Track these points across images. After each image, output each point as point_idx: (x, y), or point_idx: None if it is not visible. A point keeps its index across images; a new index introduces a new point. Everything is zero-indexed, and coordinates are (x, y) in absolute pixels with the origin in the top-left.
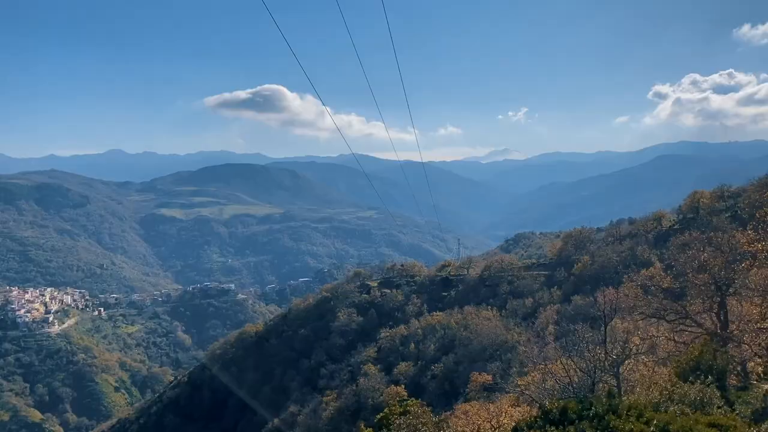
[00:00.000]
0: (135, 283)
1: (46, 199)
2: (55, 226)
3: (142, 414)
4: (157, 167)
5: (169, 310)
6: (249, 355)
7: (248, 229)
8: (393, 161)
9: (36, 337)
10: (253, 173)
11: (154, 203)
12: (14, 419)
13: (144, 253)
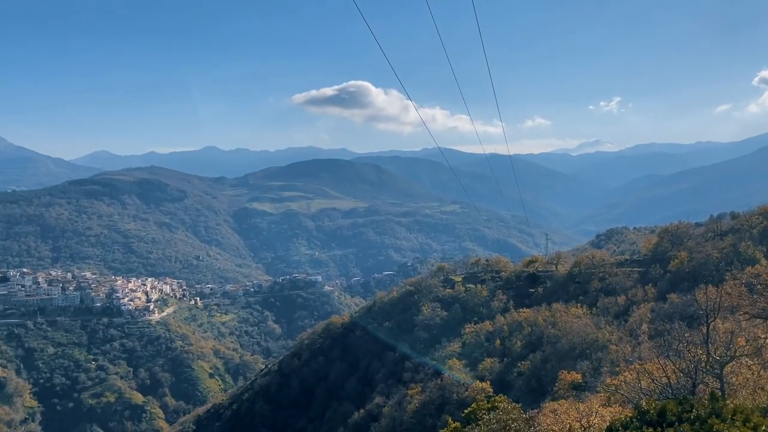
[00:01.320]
0: (228, 274)
1: (147, 194)
2: (155, 220)
3: (234, 400)
4: (249, 163)
5: (260, 301)
6: (335, 345)
7: (334, 223)
8: (478, 155)
9: (138, 324)
10: (338, 168)
11: (246, 198)
12: (119, 400)
13: (237, 246)
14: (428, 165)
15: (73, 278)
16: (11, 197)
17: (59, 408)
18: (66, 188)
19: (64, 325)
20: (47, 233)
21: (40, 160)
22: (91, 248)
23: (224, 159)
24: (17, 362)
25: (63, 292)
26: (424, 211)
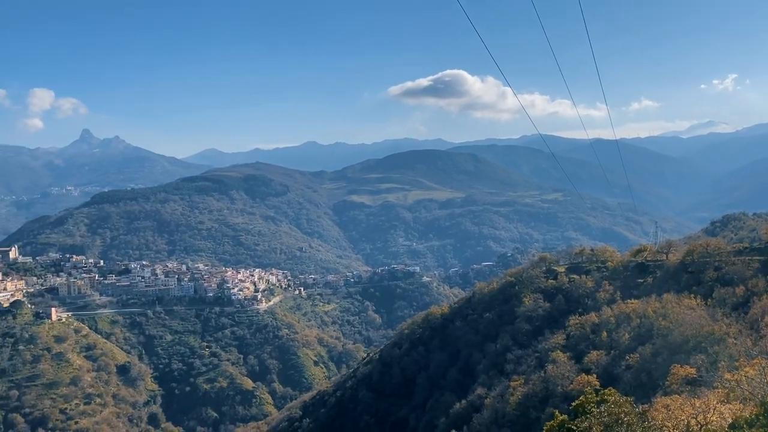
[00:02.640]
0: (329, 264)
1: (253, 189)
2: (261, 213)
3: (338, 387)
4: (347, 156)
5: (360, 291)
6: (435, 336)
7: (431, 214)
8: (580, 140)
9: (247, 313)
10: (434, 159)
11: (345, 190)
12: (231, 386)
13: (337, 237)
14: (527, 152)
15: (187, 270)
16: (131, 195)
17: (177, 392)
18: (179, 185)
19: (180, 313)
20: (163, 227)
21: (156, 160)
22: (202, 241)
23: (323, 153)
24: (139, 348)
25: (179, 283)
26: (523, 200)
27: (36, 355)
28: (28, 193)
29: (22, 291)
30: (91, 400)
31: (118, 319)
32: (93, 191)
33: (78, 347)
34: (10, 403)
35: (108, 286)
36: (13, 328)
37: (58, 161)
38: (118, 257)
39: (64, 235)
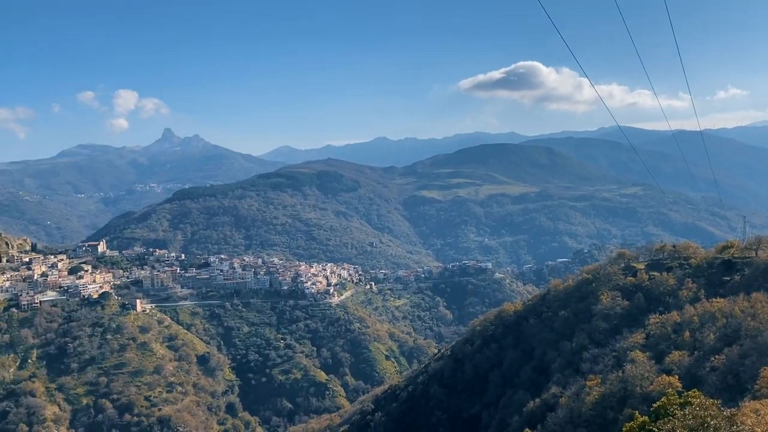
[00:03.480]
0: (400, 260)
1: (325, 185)
2: (332, 209)
3: (410, 382)
4: (418, 151)
5: (431, 286)
6: (508, 333)
7: (503, 209)
8: (661, 132)
9: (320, 307)
10: (507, 152)
11: (415, 186)
12: (305, 377)
13: (407, 232)
14: (605, 145)
15: (263, 263)
16: (210, 191)
17: (254, 382)
18: (255, 182)
19: (256, 306)
20: (240, 223)
21: (233, 157)
22: (277, 236)
23: (394, 149)
24: (218, 339)
25: (255, 276)
26: (601, 194)
27: (122, 344)
28: (115, 190)
29: (109, 283)
30: (173, 388)
31: (198, 311)
32: (174, 188)
33: (161, 337)
34: (99, 389)
35: (189, 279)
36: (102, 318)
37: (142, 159)
38: (198, 251)
39: (147, 230)
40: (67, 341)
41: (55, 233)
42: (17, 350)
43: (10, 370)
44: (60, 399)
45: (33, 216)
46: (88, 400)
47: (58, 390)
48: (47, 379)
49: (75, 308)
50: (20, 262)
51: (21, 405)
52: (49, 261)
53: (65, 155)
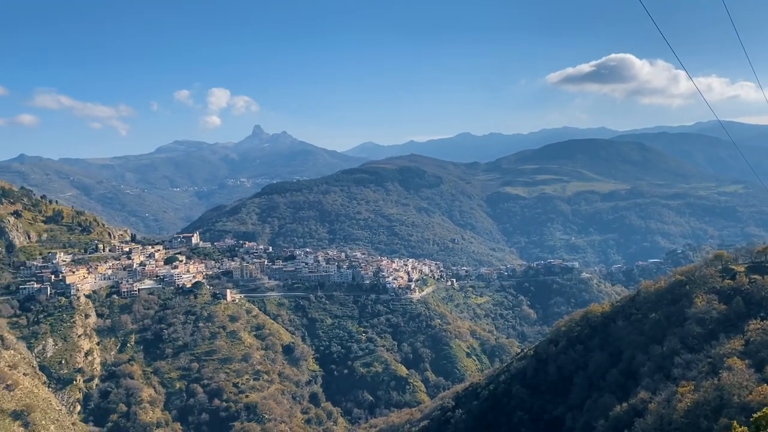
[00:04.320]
0: (482, 257)
1: (408, 181)
2: (414, 205)
3: (491, 381)
4: (502, 147)
5: (514, 285)
6: (594, 335)
7: (592, 207)
8: (765, 126)
9: (401, 302)
10: (596, 148)
11: (499, 182)
12: (386, 371)
13: (490, 229)
14: (702, 141)
15: (346, 257)
16: (296, 186)
17: (336, 373)
18: (339, 177)
19: (339, 299)
20: (324, 217)
21: (318, 153)
22: (360, 231)
23: (477, 144)
24: (302, 330)
25: (338, 270)
26: (697, 192)
27: (213, 332)
28: (208, 185)
29: (202, 273)
30: (260, 376)
31: (284, 302)
32: (263, 183)
33: (249, 326)
34: (191, 374)
35: (275, 271)
36: (194, 306)
37: (233, 155)
38: (284, 244)
39: (237, 222)
40: (163, 328)
41: (153, 225)
42: (118, 334)
43: (111, 353)
44: (155, 382)
45: (133, 208)
46: (181, 384)
47: (153, 373)
48: (144, 362)
49: (170, 296)
50: (121, 251)
51: (121, 386)
52: (147, 251)
53: (163, 151)
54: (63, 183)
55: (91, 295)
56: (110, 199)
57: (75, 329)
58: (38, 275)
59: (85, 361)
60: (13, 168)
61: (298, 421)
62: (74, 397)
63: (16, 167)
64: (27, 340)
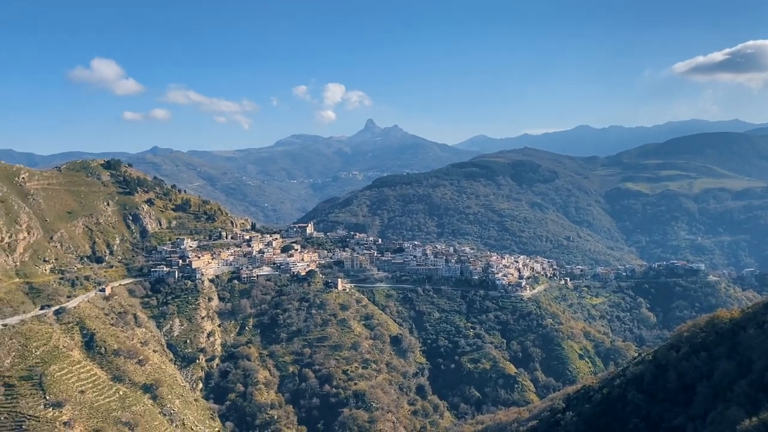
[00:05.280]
0: (599, 256)
1: (520, 175)
2: (526, 200)
3: (605, 385)
4: (623, 141)
5: (633, 286)
6: (721, 342)
7: (722, 205)
8: None
9: (511, 299)
10: (728, 142)
11: (619, 177)
12: (494, 368)
13: (608, 227)
14: None
15: (454, 252)
16: (406, 179)
17: (443, 367)
18: (449, 171)
19: (447, 293)
20: (433, 210)
21: (429, 146)
22: (469, 225)
23: (596, 137)
24: (410, 322)
25: (446, 264)
26: None
27: (325, 319)
28: (322, 177)
29: (315, 262)
30: (368, 365)
31: (392, 294)
32: (374, 176)
33: (358, 316)
34: (303, 359)
35: (384, 263)
36: (308, 294)
37: (346, 149)
38: (393, 236)
39: (349, 214)
40: (278, 313)
41: (271, 214)
42: (237, 318)
43: (231, 335)
44: (270, 365)
45: (253, 198)
46: (294, 368)
47: (269, 356)
48: (260, 345)
49: (285, 283)
50: (242, 239)
51: (239, 367)
52: (265, 239)
53: (281, 144)
54: (191, 174)
55: (214, 280)
56: (233, 189)
57: (199, 311)
58: (167, 259)
59: (207, 341)
60: (147, 159)
61: (405, 412)
62: (197, 375)
63: (149, 158)
64: (157, 319)
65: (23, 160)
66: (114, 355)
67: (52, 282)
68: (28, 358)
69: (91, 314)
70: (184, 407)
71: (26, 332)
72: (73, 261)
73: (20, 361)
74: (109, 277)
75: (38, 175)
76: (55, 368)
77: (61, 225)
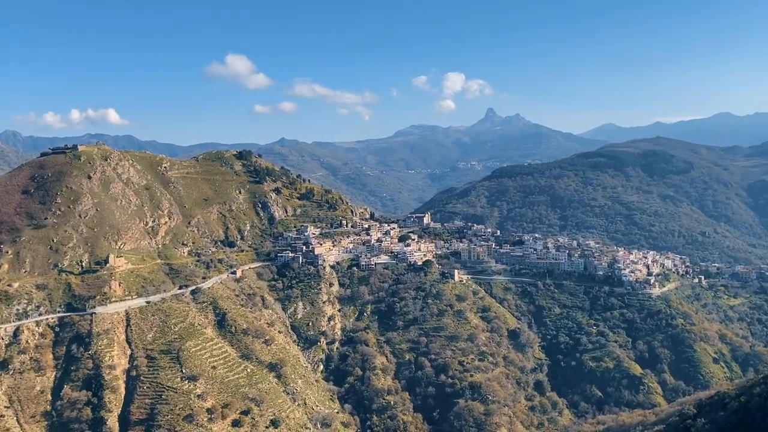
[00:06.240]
0: (738, 253)
1: (651, 166)
2: (658, 192)
3: (743, 392)
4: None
5: None
6: None
7: None
8: None
9: (638, 296)
10: None
11: (764, 169)
12: (617, 368)
13: (750, 223)
14: None
15: (577, 246)
16: (527, 170)
17: (563, 364)
18: (573, 161)
19: (568, 288)
20: (556, 203)
21: (552, 135)
22: (594, 218)
23: (738, 126)
24: (529, 317)
25: (568, 258)
26: None
27: (441, 309)
28: (440, 167)
29: (432, 252)
30: (485, 357)
31: (511, 287)
32: (493, 166)
33: (475, 308)
34: (420, 347)
35: (502, 255)
36: (424, 283)
37: (465, 138)
38: (512, 228)
39: (467, 205)
40: (395, 301)
41: (389, 204)
42: (356, 303)
43: (350, 320)
44: (387, 351)
45: (372, 188)
46: (410, 356)
47: (386, 343)
48: (378, 332)
49: (402, 272)
50: (361, 228)
51: (357, 351)
52: (383, 228)
53: (400, 135)
54: (315, 164)
55: (334, 266)
56: (353, 179)
57: (321, 296)
58: (292, 245)
59: (328, 325)
60: (275, 150)
61: (522, 407)
62: (318, 357)
63: (277, 149)
64: (282, 302)
65: (165, 151)
66: (243, 334)
67: (189, 264)
68: (167, 334)
69: (223, 295)
70: (305, 387)
71: (166, 309)
72: (208, 245)
73: (161, 336)
74: (239, 260)
75: (178, 164)
76: (191, 344)
77: (197, 211)
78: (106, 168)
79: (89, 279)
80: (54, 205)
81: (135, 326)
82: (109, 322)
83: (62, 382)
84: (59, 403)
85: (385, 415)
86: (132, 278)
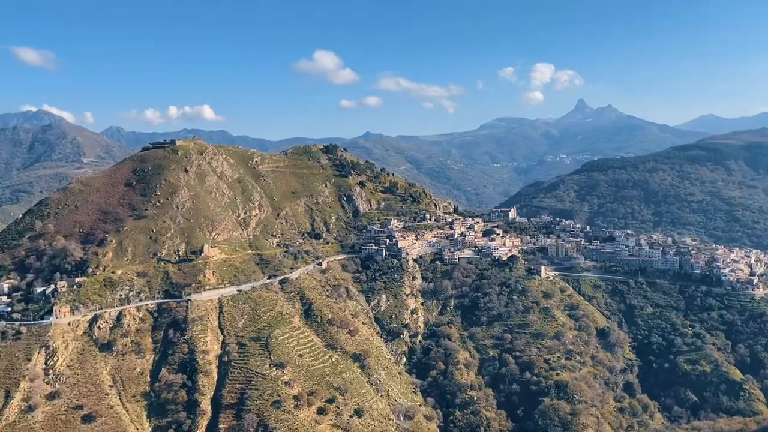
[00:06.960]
0: None
1: (756, 159)
2: (763, 187)
3: None
4: None
5: None
6: None
7: None
8: None
9: (739, 297)
10: None
11: None
12: (715, 372)
13: None
14: None
15: (672, 243)
16: (619, 163)
17: (655, 366)
18: (669, 154)
19: (662, 287)
20: (650, 198)
21: (646, 127)
22: (691, 214)
23: None
24: (619, 316)
25: (663, 256)
26: None
27: (526, 306)
28: (527, 161)
29: (517, 248)
30: (572, 356)
31: (600, 285)
32: (583, 159)
33: (562, 305)
34: (504, 344)
35: (592, 252)
36: (509, 279)
37: (554, 131)
38: (602, 224)
39: (555, 199)
40: (479, 296)
41: (473, 198)
42: (439, 297)
43: (432, 314)
44: (470, 347)
45: (456, 182)
46: (494, 352)
47: (469, 338)
48: (461, 326)
49: (486, 267)
50: (444, 222)
51: (440, 345)
52: (467, 223)
53: (485, 128)
54: (399, 158)
55: (417, 260)
56: (437, 173)
57: (404, 289)
58: (376, 238)
59: (411, 318)
60: (359, 144)
61: (610, 408)
62: (401, 349)
63: (362, 143)
64: (366, 294)
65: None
66: (328, 324)
67: (278, 254)
68: (257, 322)
69: (309, 285)
70: (388, 379)
71: (256, 298)
72: (296, 236)
73: (251, 323)
74: (325, 252)
75: (268, 158)
76: (279, 332)
77: (286, 204)
78: (201, 162)
79: (185, 267)
80: (154, 197)
81: (227, 313)
82: (203, 309)
83: (160, 365)
84: (157, 385)
85: (468, 411)
86: (225, 267)
